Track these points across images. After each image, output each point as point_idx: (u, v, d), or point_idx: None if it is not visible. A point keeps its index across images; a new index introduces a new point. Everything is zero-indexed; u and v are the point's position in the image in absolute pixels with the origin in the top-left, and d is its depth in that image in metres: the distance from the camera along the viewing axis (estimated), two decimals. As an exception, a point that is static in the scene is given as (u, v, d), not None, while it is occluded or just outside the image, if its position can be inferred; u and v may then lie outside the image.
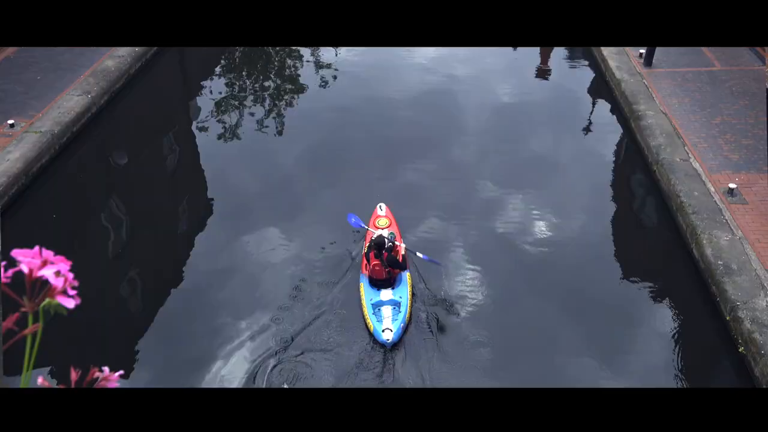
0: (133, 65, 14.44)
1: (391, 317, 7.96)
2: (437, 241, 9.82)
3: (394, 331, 7.81)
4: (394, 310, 8.08)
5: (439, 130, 12.94)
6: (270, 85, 15.38)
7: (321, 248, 9.56)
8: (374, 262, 8.28)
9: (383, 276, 8.33)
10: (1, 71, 13.52)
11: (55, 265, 1.11)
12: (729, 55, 14.66)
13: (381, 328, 7.84)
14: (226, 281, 9.04)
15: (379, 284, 8.36)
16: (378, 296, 8.24)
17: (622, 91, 13.45)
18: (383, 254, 8.26)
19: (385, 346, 7.80)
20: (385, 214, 9.74)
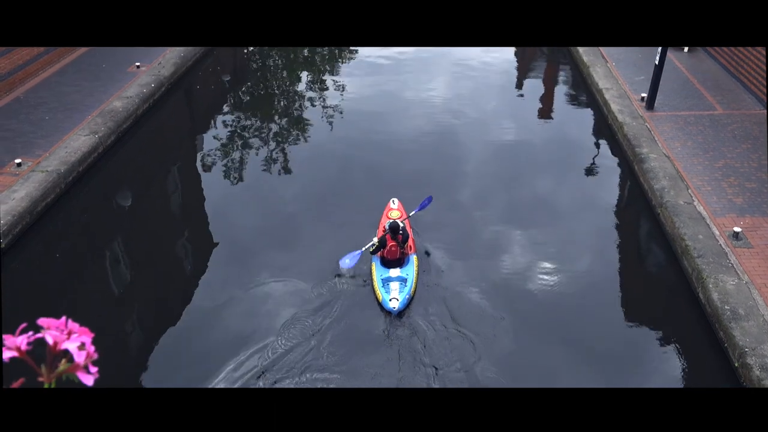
0: (140, 106, 14.62)
1: (398, 290, 9.06)
2: (439, 281, 9.76)
3: (400, 300, 8.88)
4: (402, 284, 9.17)
5: (442, 171, 13.00)
6: (275, 125, 15.54)
7: (323, 280, 9.49)
8: (390, 243, 9.48)
9: (396, 256, 9.54)
10: (11, 111, 13.70)
11: (79, 337, 1.09)
12: (730, 99, 14.81)
13: (388, 298, 8.93)
14: (229, 317, 8.96)
15: (391, 264, 9.51)
16: (387, 273, 9.35)
17: (624, 134, 13.54)
18: (398, 236, 9.49)
19: (391, 313, 8.87)
20: (397, 207, 10.85)
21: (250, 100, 17.20)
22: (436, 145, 13.77)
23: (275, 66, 20.01)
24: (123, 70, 16.06)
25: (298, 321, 8.78)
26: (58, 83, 15.23)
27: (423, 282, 9.59)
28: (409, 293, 9.11)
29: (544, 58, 21.03)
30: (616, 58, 17.51)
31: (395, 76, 18.19)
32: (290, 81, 18.67)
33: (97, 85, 15.19)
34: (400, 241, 9.52)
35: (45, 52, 15.83)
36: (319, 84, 17.99)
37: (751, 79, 15.02)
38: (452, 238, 10.79)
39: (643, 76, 16.01)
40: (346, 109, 15.98)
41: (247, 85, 18.30)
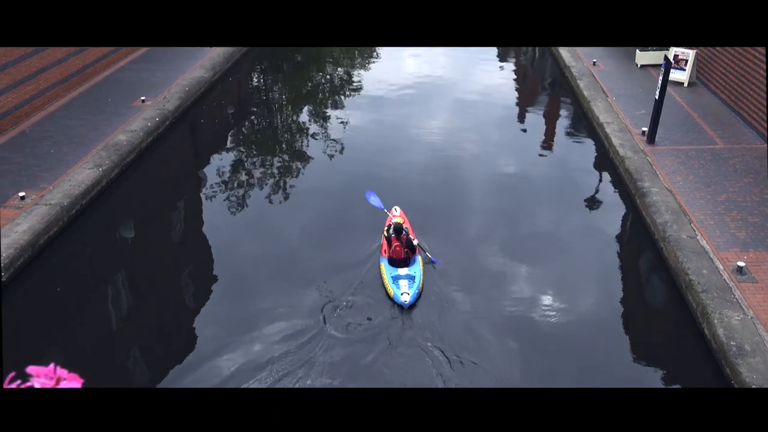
0: (144, 139, 14.74)
1: (407, 285, 9.81)
2: (440, 315, 9.70)
3: (410, 295, 9.65)
4: (410, 281, 9.90)
5: (444, 205, 13.02)
6: (277, 159, 15.63)
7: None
8: (395, 243, 10.25)
9: (402, 256, 10.24)
10: (17, 144, 13.82)
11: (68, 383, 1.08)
12: (730, 133, 14.89)
13: (399, 293, 9.66)
14: (232, 350, 8.88)
15: (398, 263, 10.22)
16: (396, 272, 10.07)
17: (626, 167, 13.58)
18: (402, 237, 10.26)
19: (403, 307, 9.61)
20: (399, 214, 11.50)
21: (254, 134, 17.33)
22: (438, 179, 13.81)
23: (279, 99, 20.22)
24: (128, 105, 16.23)
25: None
26: (63, 117, 15.38)
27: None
28: (418, 288, 9.92)
29: (545, 92, 21.24)
30: (616, 93, 17.67)
31: (397, 109, 18.36)
32: (293, 114, 18.84)
33: (102, 119, 15.33)
34: (404, 242, 10.27)
35: (51, 86, 16.03)
36: (321, 117, 18.14)
37: (751, 113, 15.12)
38: (455, 270, 10.75)
39: (643, 111, 16.14)
40: (348, 143, 16.09)
41: (250, 118, 18.47)
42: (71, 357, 9.13)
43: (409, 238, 10.39)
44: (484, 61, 23.47)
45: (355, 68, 23.00)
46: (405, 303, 9.58)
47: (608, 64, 20.19)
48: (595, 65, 19.95)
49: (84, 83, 17.46)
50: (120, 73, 18.58)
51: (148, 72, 18.70)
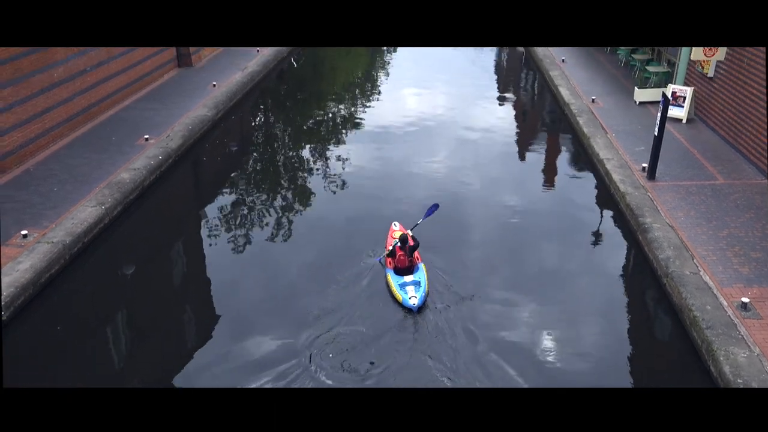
0: (147, 177, 14.84)
1: (414, 290, 10.55)
2: (443, 353, 9.60)
3: (418, 298, 10.39)
4: (416, 286, 10.64)
5: (446, 240, 13.00)
6: (279, 196, 15.68)
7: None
8: (399, 253, 11.11)
9: (406, 264, 11.10)
10: (21, 183, 13.91)
11: None
12: (730, 169, 14.95)
13: (408, 297, 10.40)
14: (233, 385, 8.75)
15: (403, 272, 11.01)
16: (402, 279, 10.83)
17: (627, 203, 13.61)
18: (406, 247, 11.12)
19: (412, 310, 10.33)
20: (399, 228, 12.42)
21: (255, 171, 17.44)
22: (440, 214, 13.81)
23: (281, 136, 20.40)
24: (132, 143, 16.39)
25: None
26: (68, 155, 15.52)
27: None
28: (425, 292, 10.64)
29: (545, 128, 21.42)
30: (615, 129, 17.81)
31: (398, 145, 18.50)
32: (295, 151, 18.98)
33: (106, 157, 15.47)
34: (407, 250, 11.16)
35: (57, 126, 16.21)
36: (323, 154, 18.28)
37: (750, 149, 15.21)
38: (457, 307, 10.68)
39: (643, 147, 16.25)
40: (350, 179, 16.18)
41: (252, 155, 18.61)
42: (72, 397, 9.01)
43: (411, 246, 11.27)
44: (484, 99, 23.74)
45: (357, 105, 23.27)
46: (414, 306, 10.33)
47: (607, 101, 20.40)
48: (594, 102, 20.16)
49: (88, 122, 17.66)
50: (124, 112, 18.80)
51: (152, 111, 18.93)
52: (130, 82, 20.13)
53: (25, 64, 15.05)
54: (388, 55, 32.30)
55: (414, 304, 10.30)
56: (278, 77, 26.59)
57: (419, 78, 26.59)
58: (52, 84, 16.12)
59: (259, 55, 26.13)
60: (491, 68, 29.58)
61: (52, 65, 16.12)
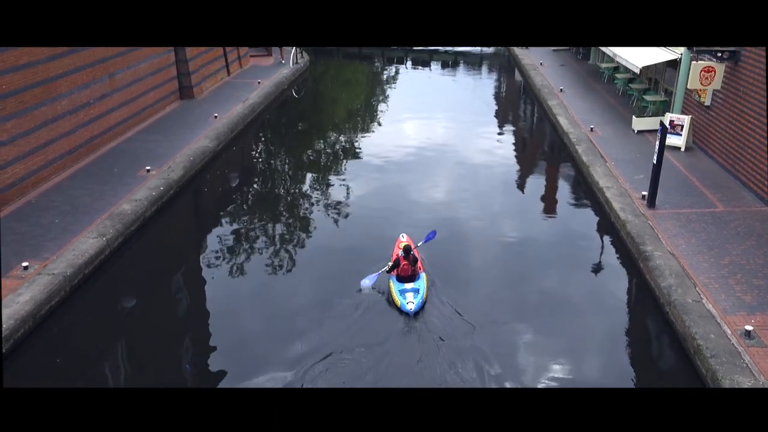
0: (148, 208, 14.88)
1: (413, 296, 11.25)
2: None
3: (415, 304, 11.09)
4: (415, 293, 11.34)
5: (448, 269, 12.97)
6: (280, 226, 15.70)
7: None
8: (403, 262, 11.73)
9: (408, 272, 11.75)
10: (22, 215, 13.94)
11: None
12: (730, 196, 14.99)
13: (405, 302, 11.12)
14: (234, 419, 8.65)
15: (405, 279, 11.71)
16: (403, 286, 11.54)
17: (627, 231, 13.62)
18: (410, 257, 11.79)
19: (409, 314, 11.03)
20: (407, 240, 13.06)
21: (256, 202, 17.49)
22: (440, 244, 13.81)
23: (281, 167, 20.51)
24: (134, 174, 16.47)
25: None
26: (69, 187, 15.58)
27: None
28: (422, 299, 11.32)
29: (544, 157, 21.53)
30: (614, 158, 17.91)
31: (399, 175, 18.59)
32: (296, 181, 19.07)
33: (108, 188, 15.53)
34: (411, 260, 11.82)
35: (59, 157, 16.31)
36: (323, 184, 18.35)
37: (750, 177, 15.27)
38: (459, 336, 10.61)
39: (642, 175, 16.31)
40: (351, 209, 16.21)
41: (253, 186, 18.68)
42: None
43: (414, 256, 11.98)
44: (484, 128, 23.92)
45: (357, 135, 23.43)
46: (410, 311, 11.05)
47: (606, 130, 20.55)
48: (593, 131, 20.31)
49: (91, 154, 17.77)
50: (126, 144, 18.93)
51: (154, 143, 19.06)
52: (133, 114, 20.31)
53: (28, 97, 15.21)
54: (388, 85, 32.64)
55: (411, 310, 11.06)
56: (281, 107, 26.82)
57: (418, 108, 26.83)
58: (56, 116, 16.27)
59: (260, 87, 26.41)
60: (490, 98, 29.86)
61: (56, 98, 16.29)
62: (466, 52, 41.10)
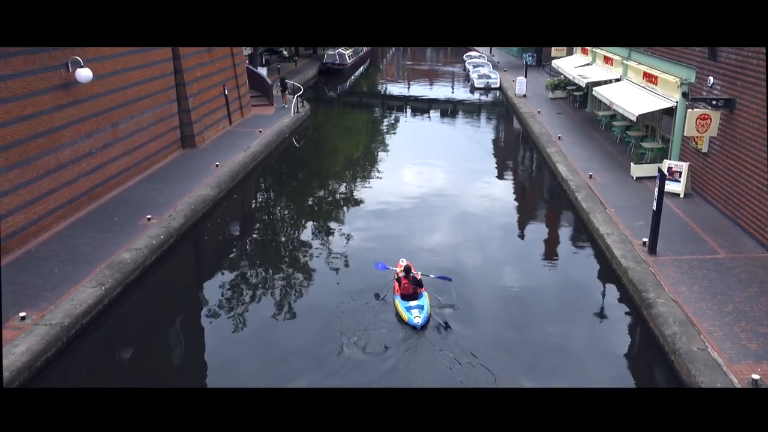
0: (148, 257, 14.84)
1: (418, 312, 12.41)
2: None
3: (421, 318, 12.23)
4: (420, 309, 12.51)
5: (449, 318, 12.84)
6: (280, 275, 15.62)
7: None
8: (404, 282, 12.95)
9: (410, 291, 12.91)
10: (22, 264, 13.90)
11: None
12: (731, 243, 14.97)
13: (413, 317, 12.25)
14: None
15: (409, 298, 12.85)
16: (408, 304, 12.67)
17: (629, 278, 13.54)
18: (410, 277, 12.97)
19: (416, 328, 12.14)
20: (406, 264, 13.88)
21: (257, 250, 17.46)
22: (442, 291, 13.73)
23: (282, 215, 20.56)
24: (135, 223, 16.50)
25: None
26: (70, 236, 15.58)
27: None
28: (427, 314, 12.48)
29: (544, 204, 21.60)
30: (614, 204, 17.96)
31: (399, 222, 18.60)
32: (296, 229, 19.07)
33: (108, 237, 15.53)
34: (411, 280, 12.93)
35: (60, 206, 16.36)
36: (324, 232, 18.36)
37: (750, 223, 15.28)
38: (462, 381, 10.43)
39: (642, 221, 16.33)
40: (352, 258, 16.16)
41: (253, 234, 18.68)
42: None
43: (415, 277, 13.07)
44: (484, 175, 24.07)
45: (357, 183, 23.56)
46: (417, 324, 12.13)
47: (605, 176, 20.68)
48: (592, 178, 20.43)
49: (92, 203, 17.84)
50: (128, 193, 19.03)
51: (155, 191, 19.16)
52: (135, 163, 20.48)
53: (32, 147, 15.36)
54: (388, 133, 33.01)
55: (418, 323, 12.16)
56: (282, 155, 27.05)
57: (418, 155, 27.06)
58: (59, 166, 16.40)
59: (262, 136, 26.70)
60: (489, 145, 30.16)
61: (59, 147, 16.45)
62: (465, 100, 41.72)
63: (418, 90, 48.20)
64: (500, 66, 50.78)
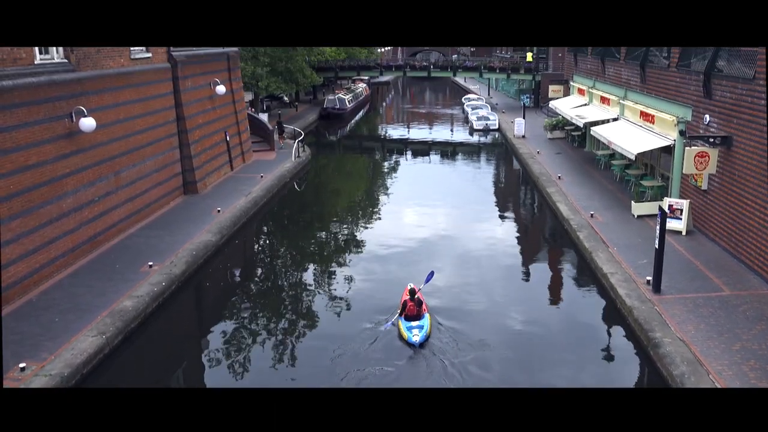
0: (150, 305, 14.76)
1: (418, 331, 13.29)
2: None
3: (420, 336, 13.13)
4: (420, 329, 13.39)
5: (453, 361, 12.68)
6: (282, 320, 15.50)
7: None
8: (410, 303, 13.89)
9: (414, 312, 13.81)
10: (22, 314, 13.81)
11: None
12: (735, 280, 14.88)
13: (412, 335, 13.16)
14: None
15: (411, 318, 13.75)
16: (410, 324, 13.56)
17: (635, 318, 13.42)
18: (415, 298, 13.99)
19: (414, 345, 13.00)
20: (412, 287, 14.58)
21: (258, 295, 17.37)
22: (446, 334, 13.60)
23: (284, 259, 20.51)
24: (136, 270, 16.46)
25: None
26: (71, 284, 15.53)
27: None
28: (426, 334, 13.35)
29: (546, 244, 21.57)
30: (616, 243, 17.92)
31: (401, 265, 18.53)
32: (298, 274, 19.01)
33: (110, 285, 15.47)
34: (416, 302, 13.93)
35: (62, 255, 16.36)
36: (326, 276, 18.29)
37: (754, 260, 15.22)
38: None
39: (645, 260, 16.26)
40: (354, 302, 16.05)
41: (255, 280, 18.61)
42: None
43: (418, 299, 14.05)
44: (485, 216, 24.11)
45: (359, 226, 23.59)
46: (416, 342, 13.01)
47: (606, 215, 20.70)
48: (593, 217, 20.45)
49: (94, 251, 17.83)
50: (129, 240, 19.04)
51: (156, 238, 19.18)
52: (137, 210, 20.56)
53: (35, 196, 15.45)
54: (388, 176, 33.22)
55: (416, 341, 13.02)
56: (283, 199, 27.17)
57: (419, 197, 27.17)
58: (61, 214, 16.46)
59: (263, 181, 26.87)
60: (490, 186, 30.30)
61: (62, 196, 16.54)
62: (465, 142, 42.12)
63: (417, 133, 48.74)
64: (498, 107, 51.41)
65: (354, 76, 60.09)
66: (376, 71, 56.94)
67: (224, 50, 29.90)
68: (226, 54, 29.54)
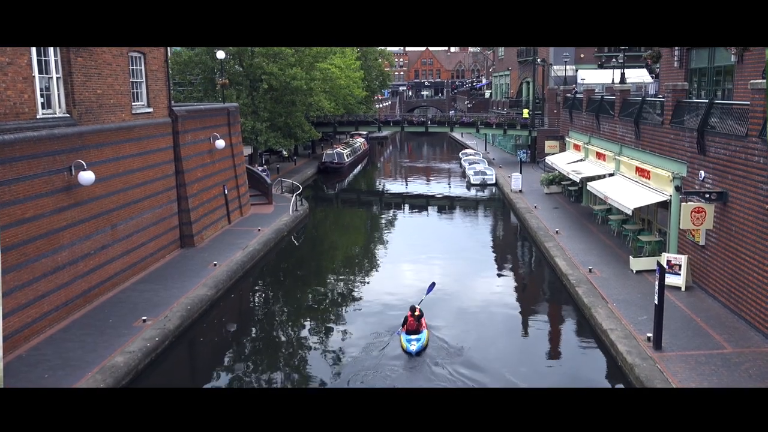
0: (142, 360, 14.48)
1: (415, 341, 15.24)
2: None
3: (416, 346, 15.06)
4: (417, 341, 15.28)
5: (452, 412, 12.36)
6: (278, 375, 15.20)
7: None
8: (411, 319, 15.70)
9: (414, 327, 15.65)
10: (10, 371, 13.50)
11: None
12: (737, 337, 14.69)
13: (409, 345, 15.11)
14: None
15: (411, 333, 15.59)
16: (409, 337, 15.42)
17: (636, 375, 13.17)
18: (415, 314, 15.84)
19: (411, 354, 14.98)
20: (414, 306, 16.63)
21: (253, 350, 17.07)
22: (443, 393, 13.29)
23: (279, 314, 20.27)
24: (129, 325, 16.22)
25: None
26: (62, 339, 15.27)
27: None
28: (422, 344, 15.30)
29: (545, 300, 21.38)
30: (615, 299, 17.77)
31: (398, 320, 18.28)
32: (294, 329, 18.74)
33: (102, 340, 15.21)
34: (416, 317, 15.73)
35: (54, 309, 16.14)
36: (322, 331, 18.03)
37: (754, 316, 15.06)
38: None
39: (645, 316, 16.09)
40: (349, 357, 15.77)
41: (250, 335, 18.34)
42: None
43: (418, 315, 15.81)
44: (482, 271, 23.98)
45: (356, 281, 23.42)
46: (412, 351, 14.95)
47: (604, 270, 20.59)
48: (592, 272, 20.34)
49: (87, 305, 17.61)
50: (123, 294, 18.84)
51: (151, 292, 18.99)
52: (133, 263, 20.42)
53: (30, 250, 15.35)
54: (386, 229, 33.22)
55: (413, 350, 14.96)
56: (280, 253, 27.06)
57: (416, 251, 27.08)
58: (55, 268, 16.33)
59: (260, 234, 26.83)
60: (487, 241, 30.27)
61: (58, 249, 16.44)
62: (462, 196, 42.33)
63: (415, 187, 49.05)
64: (495, 162, 51.93)
65: (352, 131, 60.86)
66: (375, 126, 57.66)
67: (224, 105, 30.35)
68: (226, 109, 29.97)
